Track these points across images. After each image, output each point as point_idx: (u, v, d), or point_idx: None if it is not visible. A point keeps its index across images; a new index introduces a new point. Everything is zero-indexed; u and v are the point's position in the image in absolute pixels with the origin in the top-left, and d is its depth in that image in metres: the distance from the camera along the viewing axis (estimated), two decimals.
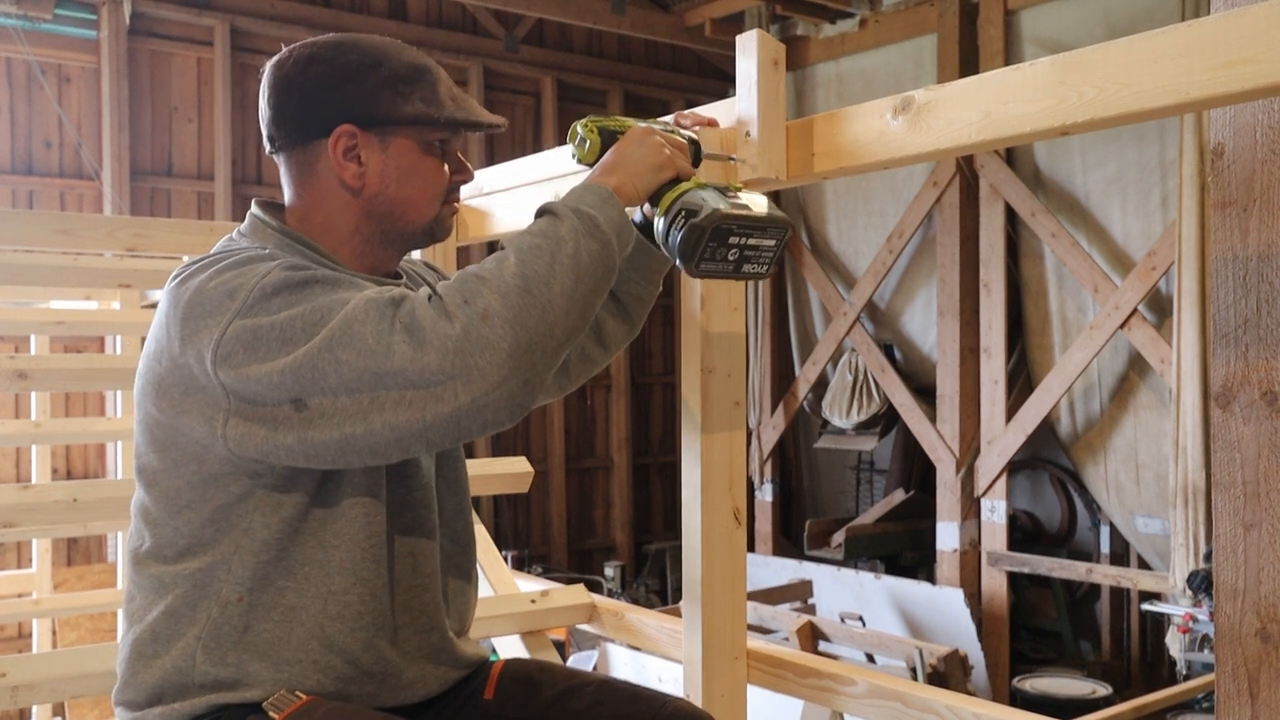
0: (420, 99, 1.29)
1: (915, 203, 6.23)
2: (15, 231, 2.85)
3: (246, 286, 1.12)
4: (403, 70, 1.29)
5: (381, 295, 1.12)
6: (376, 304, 1.10)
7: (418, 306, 1.10)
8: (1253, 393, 1.43)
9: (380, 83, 1.27)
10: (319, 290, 1.13)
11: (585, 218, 1.19)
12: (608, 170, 1.30)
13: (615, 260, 1.22)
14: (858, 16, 6.62)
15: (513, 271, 1.12)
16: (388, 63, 1.28)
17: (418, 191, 1.31)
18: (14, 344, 5.43)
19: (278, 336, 1.09)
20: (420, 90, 1.29)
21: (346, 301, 1.11)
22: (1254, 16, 1.12)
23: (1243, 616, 1.44)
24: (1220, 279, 1.47)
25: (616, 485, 8.08)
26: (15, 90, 5.85)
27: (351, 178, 1.28)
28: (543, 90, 7.65)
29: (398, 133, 1.28)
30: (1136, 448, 5.64)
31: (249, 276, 1.13)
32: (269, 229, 1.29)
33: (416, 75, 1.30)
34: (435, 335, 1.08)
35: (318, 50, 1.28)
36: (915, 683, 3.30)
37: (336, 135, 1.26)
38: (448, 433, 1.10)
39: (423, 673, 1.32)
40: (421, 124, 1.28)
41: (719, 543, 1.65)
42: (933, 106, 1.42)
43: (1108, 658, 6.41)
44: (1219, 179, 1.46)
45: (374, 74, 1.27)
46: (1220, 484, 1.46)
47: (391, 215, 1.31)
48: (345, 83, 1.26)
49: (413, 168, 1.30)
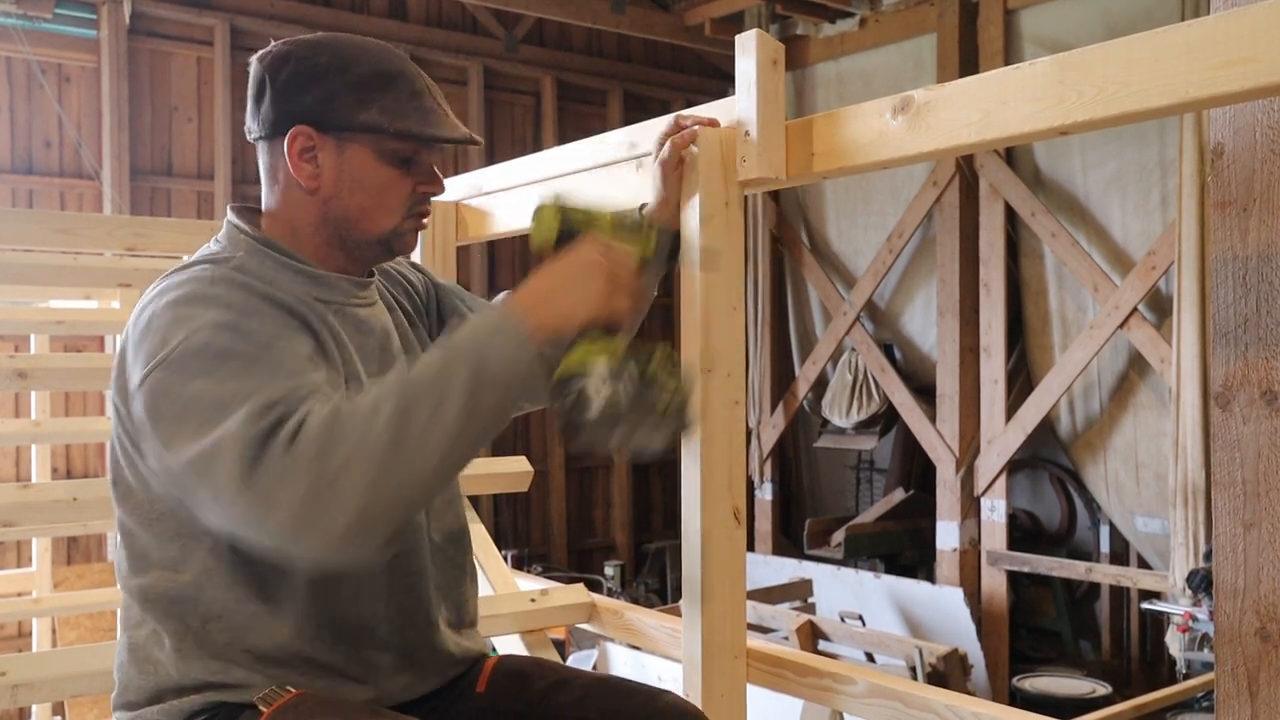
0: (380, 107, 1.25)
1: (915, 202, 6.23)
2: (15, 231, 2.86)
3: (175, 340, 1.11)
4: (370, 76, 1.26)
5: (249, 432, 1.03)
6: (240, 443, 1.03)
7: (274, 454, 1.02)
8: (1252, 392, 1.43)
9: (343, 86, 1.25)
10: (231, 369, 1.08)
11: (489, 369, 1.08)
12: (540, 299, 1.17)
13: (510, 409, 1.16)
14: (857, 16, 6.62)
15: (386, 422, 1.03)
16: (357, 67, 1.26)
17: (372, 201, 1.28)
18: (14, 343, 5.43)
19: (174, 415, 1.09)
20: (384, 98, 1.26)
21: (245, 398, 1.05)
22: (1254, 16, 1.12)
23: (1242, 616, 1.44)
24: (1220, 279, 1.47)
25: (616, 485, 8.07)
26: (15, 90, 5.84)
27: (306, 179, 1.27)
28: (543, 90, 7.64)
29: (354, 139, 1.26)
30: (1136, 447, 5.64)
31: (181, 328, 1.12)
32: (241, 235, 1.29)
33: (383, 82, 1.26)
34: (282, 495, 1.01)
35: (294, 48, 1.28)
36: (915, 682, 3.30)
37: (294, 135, 1.25)
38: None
39: (414, 670, 1.32)
40: (377, 133, 1.26)
41: (719, 542, 1.65)
42: (932, 106, 1.42)
43: (1107, 657, 6.41)
44: (1219, 179, 1.46)
45: (339, 77, 1.25)
46: (1220, 483, 1.47)
47: (346, 221, 1.29)
48: (311, 83, 1.25)
49: (367, 176, 1.28)
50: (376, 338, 1.34)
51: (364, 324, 1.34)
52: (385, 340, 1.36)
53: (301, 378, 1.11)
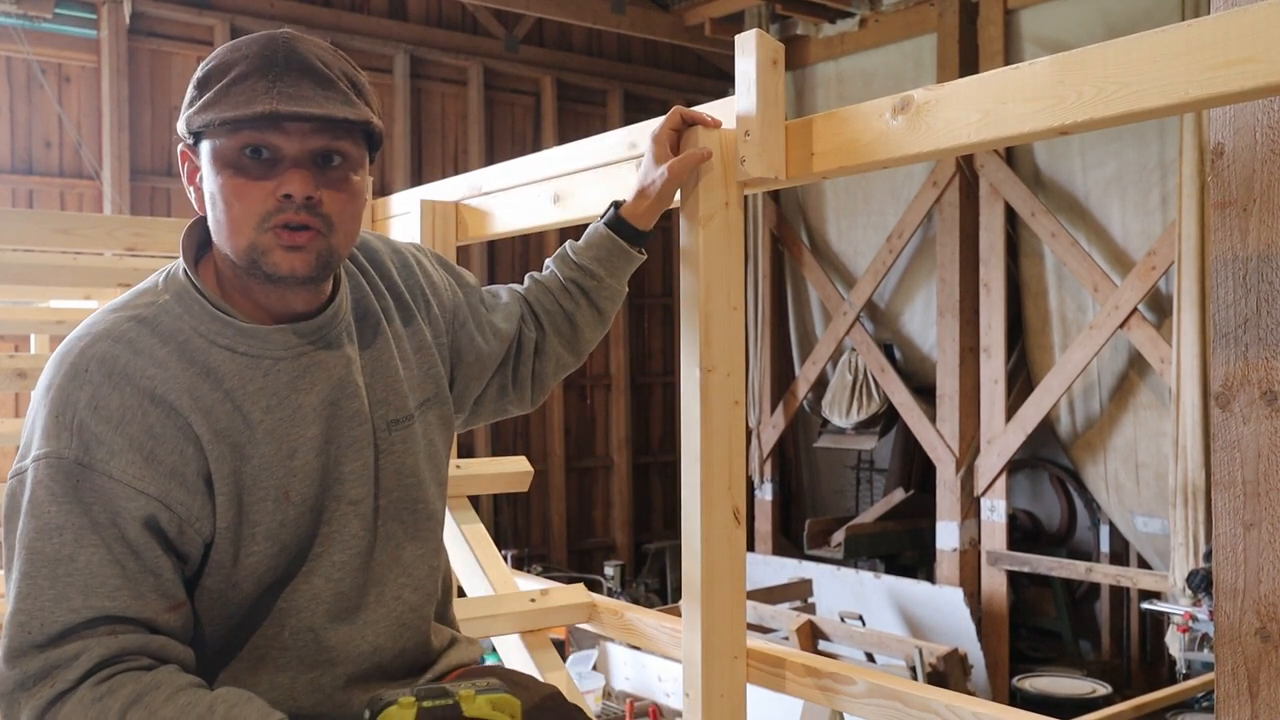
0: (206, 101, 1.10)
1: (915, 202, 6.23)
2: (15, 231, 2.86)
3: (29, 454, 1.09)
4: (215, 69, 1.12)
5: (26, 675, 1.05)
6: (13, 678, 1.05)
7: (24, 717, 1.05)
8: (1253, 392, 1.43)
9: (194, 94, 1.13)
10: (36, 531, 1.07)
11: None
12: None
13: None
14: (857, 16, 6.62)
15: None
16: (211, 68, 1.13)
17: (223, 213, 1.13)
18: (14, 343, 5.43)
19: (8, 537, 1.10)
20: (217, 90, 1.10)
21: (23, 624, 1.05)
22: (1254, 16, 1.11)
23: (1242, 616, 1.44)
24: (1220, 279, 1.47)
25: (616, 485, 8.07)
26: (15, 90, 5.84)
27: (196, 200, 1.18)
28: (543, 90, 7.64)
29: (200, 148, 1.14)
30: (1136, 447, 5.64)
31: (40, 439, 1.09)
32: (180, 271, 1.20)
33: (221, 72, 1.11)
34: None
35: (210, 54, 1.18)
36: (915, 682, 3.30)
37: (180, 153, 1.18)
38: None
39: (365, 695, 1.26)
40: (207, 131, 1.11)
41: (719, 542, 1.65)
42: (932, 106, 1.42)
43: (1107, 657, 6.41)
44: (1219, 179, 1.46)
45: (198, 85, 1.13)
46: (1220, 483, 1.46)
47: (220, 245, 1.16)
48: (190, 90, 1.14)
49: (215, 190, 1.13)
50: (320, 392, 1.20)
51: (301, 380, 1.19)
52: (334, 391, 1.22)
53: (83, 611, 1.06)
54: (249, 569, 1.17)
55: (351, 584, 1.23)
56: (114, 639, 1.07)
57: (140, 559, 1.09)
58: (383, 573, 1.27)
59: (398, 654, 1.29)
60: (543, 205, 2.15)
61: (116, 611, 1.07)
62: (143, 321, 1.14)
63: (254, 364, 1.16)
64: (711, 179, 1.62)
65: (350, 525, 1.23)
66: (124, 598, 1.07)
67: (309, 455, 1.19)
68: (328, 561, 1.21)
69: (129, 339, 1.12)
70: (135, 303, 1.17)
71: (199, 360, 1.14)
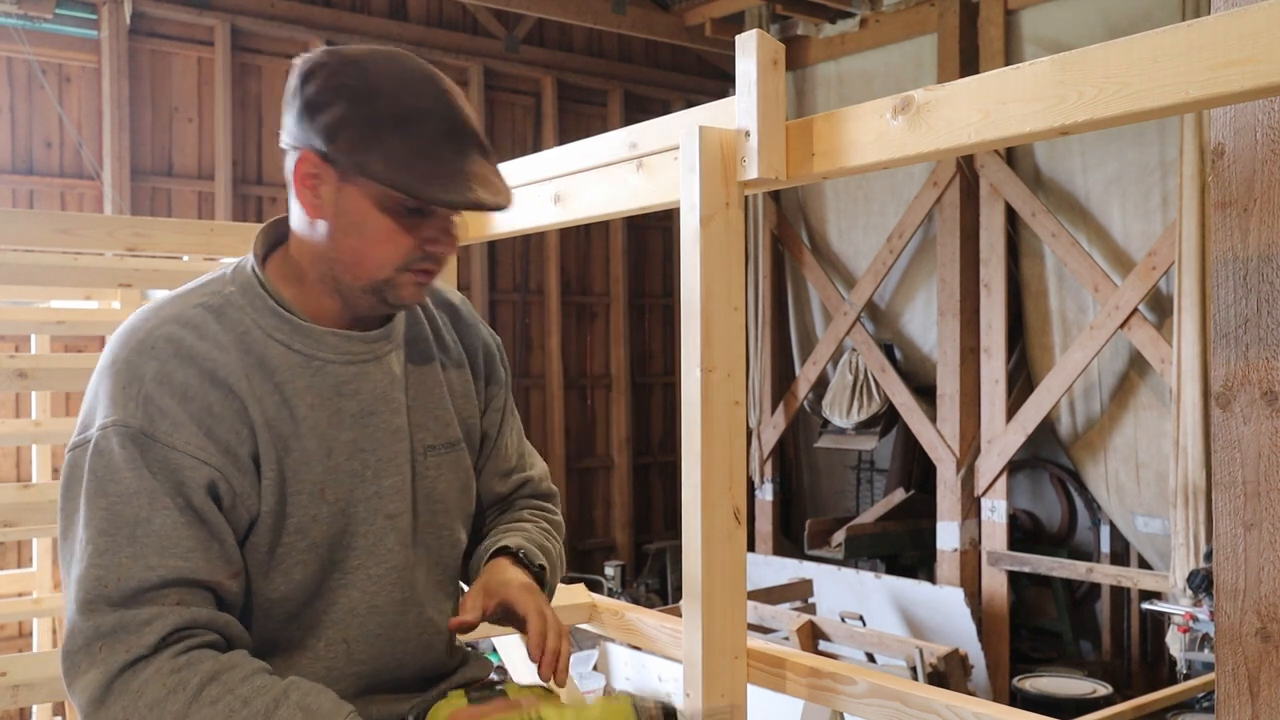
0: (386, 152, 1.14)
1: (915, 203, 6.23)
2: (15, 231, 2.85)
3: (92, 426, 1.14)
4: (387, 113, 1.15)
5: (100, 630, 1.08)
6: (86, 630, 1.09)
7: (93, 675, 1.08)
8: (1253, 392, 1.43)
9: (357, 119, 1.14)
10: (107, 496, 1.11)
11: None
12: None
13: None
14: (858, 16, 6.62)
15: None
16: (379, 99, 1.15)
17: (365, 246, 1.19)
18: (14, 343, 5.43)
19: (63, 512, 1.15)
20: (395, 142, 1.14)
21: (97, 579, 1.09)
22: (1254, 16, 1.11)
23: (1243, 616, 1.44)
24: (1220, 279, 1.47)
25: (616, 485, 8.07)
26: (15, 90, 5.84)
27: (308, 206, 1.20)
28: (543, 90, 7.64)
29: (355, 179, 1.16)
30: (1136, 447, 5.64)
31: (101, 410, 1.14)
32: (248, 266, 1.26)
33: (399, 122, 1.15)
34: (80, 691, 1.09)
35: (330, 60, 1.18)
36: (915, 682, 3.30)
37: (301, 158, 1.18)
38: None
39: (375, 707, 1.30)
40: (367, 176, 1.15)
41: (719, 542, 1.65)
42: (932, 106, 1.42)
43: (1108, 657, 6.40)
44: (1219, 179, 1.46)
45: (358, 107, 1.15)
46: (1220, 483, 1.46)
47: (338, 262, 1.21)
48: (329, 105, 1.15)
49: (362, 221, 1.18)
50: (360, 400, 1.25)
51: (345, 385, 1.24)
52: (375, 403, 1.27)
53: (160, 569, 1.10)
54: (281, 561, 1.21)
55: (386, 599, 1.27)
56: (185, 610, 1.11)
57: (206, 524, 1.14)
58: (416, 591, 1.31)
59: (418, 670, 1.34)
60: (543, 205, 2.16)
61: (189, 573, 1.11)
62: (209, 309, 1.21)
63: (305, 362, 1.23)
64: (712, 179, 1.62)
65: (387, 539, 1.27)
66: (196, 559, 1.12)
67: (342, 458, 1.24)
68: (364, 575, 1.26)
69: (195, 324, 1.19)
70: (203, 290, 1.24)
71: (255, 351, 1.20)
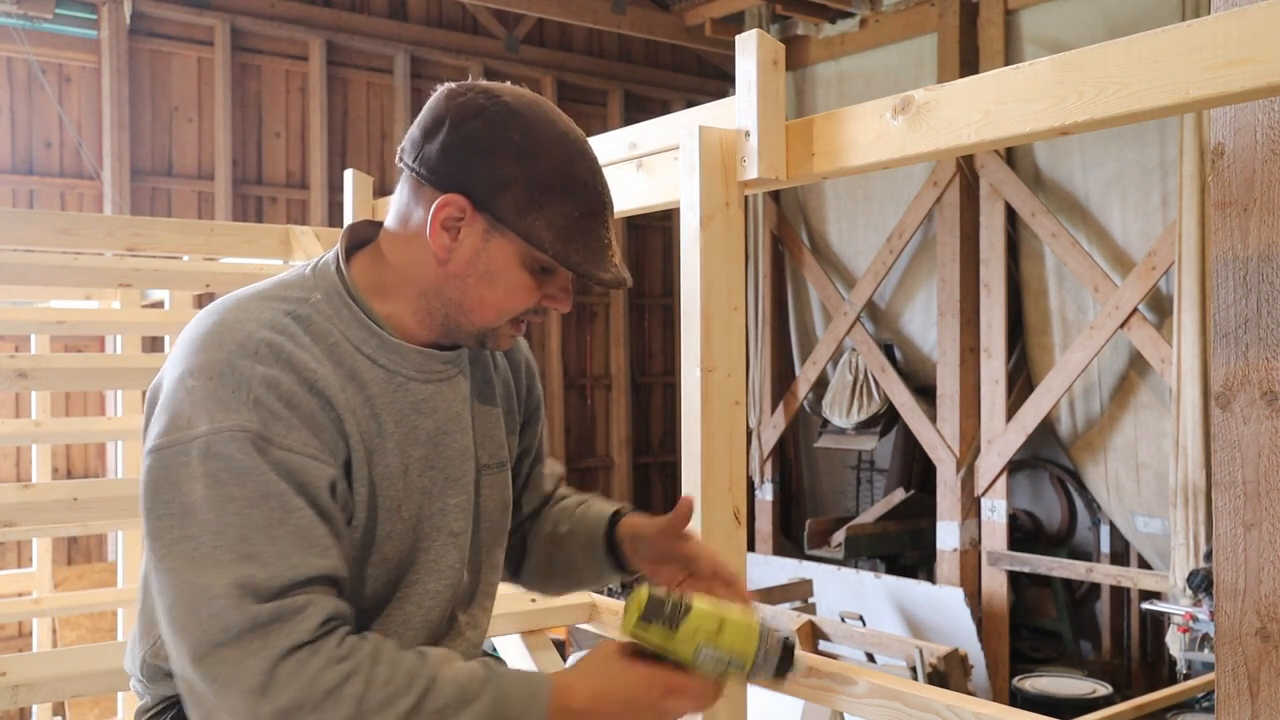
0: (548, 218, 1.16)
1: (915, 203, 6.23)
2: (15, 231, 2.86)
3: (197, 424, 1.08)
4: (551, 177, 1.17)
5: (257, 619, 1.04)
6: (239, 620, 1.03)
7: (251, 664, 1.02)
8: (1253, 392, 1.43)
9: (519, 177, 1.15)
10: (235, 499, 1.07)
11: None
12: (590, 697, 1.13)
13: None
14: (858, 16, 6.62)
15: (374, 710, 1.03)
16: (543, 160, 1.17)
17: (495, 298, 1.21)
18: (14, 343, 5.43)
19: (167, 511, 1.08)
20: (557, 208, 1.17)
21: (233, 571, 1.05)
22: (1254, 16, 1.12)
23: (1243, 616, 1.44)
24: (1220, 279, 1.47)
25: (616, 485, 8.08)
26: (15, 90, 5.85)
27: (440, 248, 1.18)
28: (543, 90, 7.64)
29: (506, 234, 1.17)
30: (1136, 447, 5.64)
31: (197, 418, 1.09)
32: (334, 273, 1.23)
33: (563, 189, 1.17)
34: (233, 688, 1.03)
35: (490, 105, 1.17)
36: (915, 682, 3.30)
37: (446, 200, 1.16)
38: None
39: None
40: (529, 241, 1.17)
41: (719, 542, 1.65)
42: (932, 106, 1.42)
43: (1108, 657, 6.41)
44: (1219, 179, 1.46)
45: (522, 165, 1.16)
46: (1220, 483, 1.47)
47: (459, 305, 1.22)
48: (490, 156, 1.16)
49: (501, 274, 1.20)
50: (436, 419, 1.26)
51: (424, 403, 1.25)
52: (448, 422, 1.28)
53: (303, 567, 1.07)
54: (357, 572, 1.20)
55: (441, 614, 1.28)
56: (333, 600, 1.09)
57: (332, 521, 1.13)
58: (467, 604, 1.33)
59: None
60: None
61: (328, 569, 1.10)
62: (298, 319, 1.18)
63: (389, 378, 1.22)
64: (712, 179, 1.63)
65: (449, 556, 1.28)
66: (334, 555, 1.11)
67: (415, 475, 1.24)
68: (422, 589, 1.26)
69: (290, 333, 1.17)
70: (288, 296, 1.21)
71: (346, 364, 1.19)
